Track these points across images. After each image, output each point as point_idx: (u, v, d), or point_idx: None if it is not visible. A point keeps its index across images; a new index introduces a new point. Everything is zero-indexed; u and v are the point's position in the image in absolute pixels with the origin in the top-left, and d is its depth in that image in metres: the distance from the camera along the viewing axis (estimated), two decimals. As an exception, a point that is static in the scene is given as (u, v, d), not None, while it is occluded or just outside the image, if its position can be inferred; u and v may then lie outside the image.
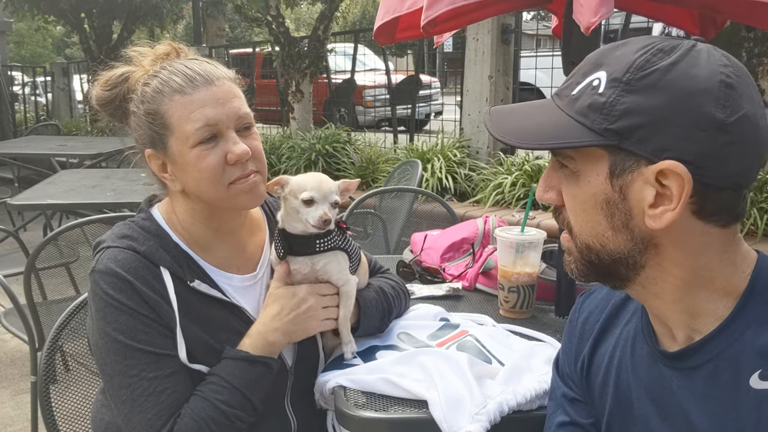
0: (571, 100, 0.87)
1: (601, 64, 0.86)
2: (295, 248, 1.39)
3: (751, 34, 3.88)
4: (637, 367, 0.98)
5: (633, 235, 0.86)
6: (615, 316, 1.07)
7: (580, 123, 0.84)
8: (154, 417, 1.21)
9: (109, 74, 1.37)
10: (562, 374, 1.16)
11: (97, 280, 1.26)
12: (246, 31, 25.26)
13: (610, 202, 0.86)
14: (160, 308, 1.26)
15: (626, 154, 0.83)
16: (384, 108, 9.07)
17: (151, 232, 1.33)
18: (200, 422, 1.22)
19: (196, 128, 1.26)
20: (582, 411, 1.10)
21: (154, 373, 1.23)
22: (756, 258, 0.89)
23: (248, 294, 1.41)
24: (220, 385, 1.26)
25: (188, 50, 1.40)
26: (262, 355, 1.30)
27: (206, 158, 1.27)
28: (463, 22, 2.38)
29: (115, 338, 1.23)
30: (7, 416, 3.23)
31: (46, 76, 13.73)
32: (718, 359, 0.86)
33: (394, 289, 1.60)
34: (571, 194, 0.90)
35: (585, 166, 0.87)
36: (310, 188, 1.34)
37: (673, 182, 0.80)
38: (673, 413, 0.91)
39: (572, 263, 0.95)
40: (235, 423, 1.25)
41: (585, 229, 0.90)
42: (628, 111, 0.81)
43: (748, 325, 0.84)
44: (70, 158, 6.81)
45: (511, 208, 4.56)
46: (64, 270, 3.39)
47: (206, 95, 1.27)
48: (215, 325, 1.32)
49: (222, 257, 1.39)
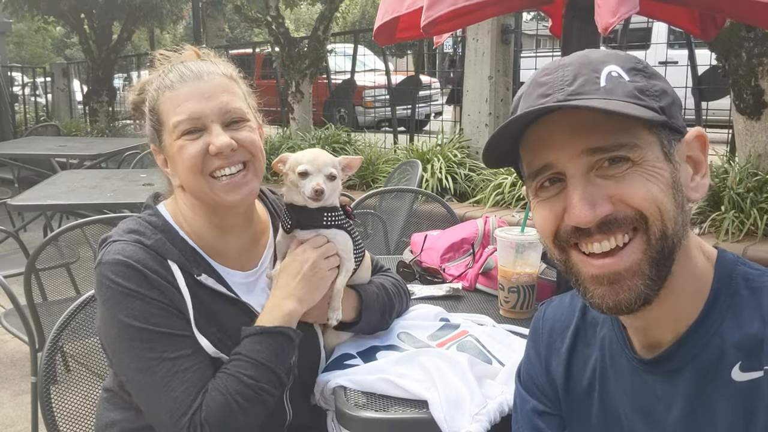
0: (606, 90, 0.84)
1: (601, 62, 0.86)
2: (303, 221, 1.42)
3: (751, 34, 3.88)
4: (619, 379, 0.97)
5: (684, 214, 0.86)
6: (587, 327, 1.05)
7: (640, 105, 0.83)
8: (182, 395, 1.22)
9: (141, 80, 1.43)
10: (528, 387, 1.12)
11: (104, 272, 1.26)
12: (246, 31, 25.28)
13: (676, 182, 0.85)
14: (171, 294, 1.26)
15: (669, 131, 0.86)
16: (384, 108, 9.07)
17: (158, 227, 1.34)
18: (227, 395, 1.23)
19: (179, 120, 1.29)
20: (553, 424, 1.07)
21: (175, 353, 1.24)
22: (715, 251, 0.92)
23: (252, 290, 1.42)
24: (244, 361, 1.27)
25: (211, 53, 1.43)
26: (279, 325, 1.31)
27: (187, 148, 1.29)
28: (463, 22, 2.38)
29: (130, 324, 1.23)
30: (8, 417, 3.23)
31: (45, 76, 13.74)
32: (699, 357, 0.86)
33: (395, 286, 1.61)
34: (641, 185, 0.83)
35: (647, 151, 0.84)
36: (305, 161, 1.39)
37: (697, 149, 0.88)
38: (661, 419, 0.91)
39: (637, 279, 0.84)
40: (263, 396, 1.26)
41: (663, 214, 0.83)
42: (663, 91, 0.86)
43: (722, 319, 0.86)
44: (70, 159, 6.80)
45: (511, 209, 4.56)
46: (65, 270, 3.40)
47: (192, 89, 1.30)
48: (223, 319, 1.33)
49: (226, 254, 1.40)
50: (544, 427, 1.07)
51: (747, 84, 3.96)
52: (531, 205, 0.94)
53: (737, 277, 0.88)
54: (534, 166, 0.89)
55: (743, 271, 0.88)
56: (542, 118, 0.86)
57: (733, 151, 4.27)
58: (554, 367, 1.07)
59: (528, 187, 0.93)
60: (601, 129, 0.83)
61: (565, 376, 1.05)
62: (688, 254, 0.88)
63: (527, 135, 0.89)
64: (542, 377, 1.09)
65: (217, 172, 1.31)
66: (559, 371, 1.06)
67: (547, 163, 0.87)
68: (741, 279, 0.87)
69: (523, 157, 0.92)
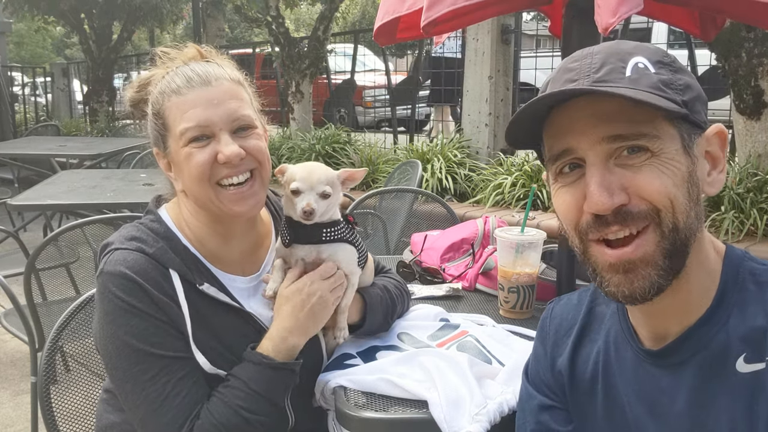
0: (630, 80, 0.85)
1: (629, 53, 0.88)
2: (300, 236, 1.37)
3: (751, 34, 3.88)
4: (624, 371, 0.98)
5: (699, 209, 0.88)
6: (592, 322, 1.06)
7: (663, 97, 0.84)
8: (170, 421, 1.21)
9: (141, 76, 1.40)
10: (535, 383, 1.13)
11: (105, 283, 1.25)
12: (246, 31, 25.27)
13: (692, 176, 0.86)
14: (171, 311, 1.25)
15: (690, 126, 0.87)
16: (384, 108, 9.07)
17: (160, 234, 1.32)
18: (221, 428, 1.21)
19: (187, 127, 1.27)
20: (559, 418, 1.08)
21: (167, 377, 1.22)
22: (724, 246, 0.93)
23: (253, 296, 1.41)
24: (243, 391, 1.24)
25: (214, 52, 1.40)
26: (286, 361, 1.29)
27: (195, 156, 1.27)
28: (464, 22, 2.38)
29: (127, 342, 1.22)
30: (8, 417, 3.23)
31: (45, 76, 13.74)
32: (705, 350, 0.87)
33: (398, 288, 1.61)
34: (656, 177, 0.84)
35: (667, 143, 0.85)
36: (298, 178, 1.33)
37: (716, 145, 0.90)
38: (665, 411, 0.92)
39: (651, 269, 0.85)
40: (258, 428, 1.25)
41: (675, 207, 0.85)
42: (687, 86, 0.87)
43: (730, 313, 0.87)
44: (70, 159, 6.80)
45: (511, 209, 4.56)
46: (64, 270, 3.39)
47: (200, 96, 1.27)
48: (224, 330, 1.31)
49: (228, 260, 1.39)
50: (550, 421, 1.08)
51: (747, 84, 3.96)
52: (552, 191, 0.95)
53: (744, 272, 0.89)
54: (555, 150, 0.90)
55: (750, 266, 0.90)
56: (566, 103, 0.88)
57: (733, 151, 4.27)
58: (560, 363, 1.08)
59: (548, 171, 0.95)
60: (622, 117, 0.84)
61: (570, 371, 1.06)
62: (702, 248, 0.89)
63: (550, 119, 0.91)
64: (548, 373, 1.10)
65: (225, 180, 1.29)
66: (565, 366, 1.07)
67: (568, 148, 0.88)
68: (748, 274, 0.89)
69: (546, 141, 0.93)
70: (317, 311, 1.34)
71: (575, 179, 0.89)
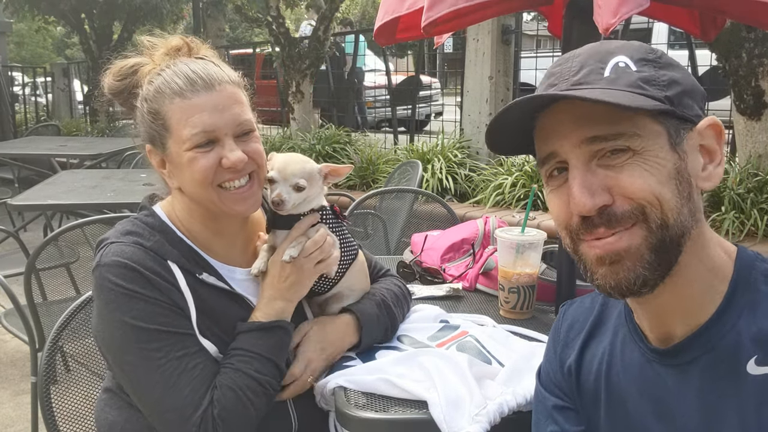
0: (608, 80, 0.85)
1: (610, 53, 0.88)
2: (279, 223, 1.42)
3: (752, 34, 3.88)
4: (629, 371, 0.98)
5: (692, 205, 0.87)
6: (601, 324, 1.06)
7: (641, 95, 0.84)
8: (191, 393, 1.22)
9: (122, 64, 1.39)
10: (547, 385, 1.14)
11: (104, 274, 1.25)
12: (246, 31, 25.25)
13: (680, 172, 0.85)
14: (173, 294, 1.26)
15: (678, 121, 0.86)
16: (384, 108, 9.07)
17: (156, 228, 1.33)
18: (237, 391, 1.24)
19: (193, 133, 1.27)
20: (572, 419, 1.09)
21: (181, 351, 1.24)
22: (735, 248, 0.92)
23: (251, 286, 1.42)
24: (247, 356, 1.28)
25: (201, 44, 1.40)
26: (276, 319, 1.33)
27: (199, 161, 1.28)
28: (464, 22, 2.38)
29: (135, 325, 1.22)
30: (8, 417, 3.23)
31: (46, 76, 13.72)
32: (714, 350, 0.86)
33: (397, 296, 1.60)
34: (639, 176, 0.84)
35: (649, 141, 0.84)
36: (275, 168, 1.37)
37: (711, 138, 0.89)
38: (671, 411, 0.91)
39: (636, 261, 0.85)
40: (268, 390, 1.28)
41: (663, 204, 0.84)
42: (672, 81, 0.87)
43: (740, 314, 0.86)
44: (70, 159, 6.79)
45: (512, 209, 4.56)
46: (65, 270, 3.39)
47: (206, 100, 1.28)
48: (225, 318, 1.33)
49: (223, 254, 1.41)
50: (562, 421, 1.09)
51: (747, 84, 3.96)
52: (546, 194, 0.95)
53: (756, 273, 0.88)
54: (542, 154, 0.92)
55: (763, 267, 0.89)
56: (550, 107, 0.88)
57: (733, 151, 4.27)
58: (568, 363, 1.08)
59: (541, 176, 0.96)
60: (601, 118, 0.84)
61: (576, 372, 1.07)
62: (702, 246, 0.88)
63: (539, 124, 0.92)
64: (559, 374, 1.11)
65: (227, 183, 1.31)
66: (573, 366, 1.07)
67: (552, 152, 0.89)
68: (760, 275, 0.88)
69: (536, 145, 0.94)
70: (295, 282, 1.38)
71: (563, 182, 0.90)
